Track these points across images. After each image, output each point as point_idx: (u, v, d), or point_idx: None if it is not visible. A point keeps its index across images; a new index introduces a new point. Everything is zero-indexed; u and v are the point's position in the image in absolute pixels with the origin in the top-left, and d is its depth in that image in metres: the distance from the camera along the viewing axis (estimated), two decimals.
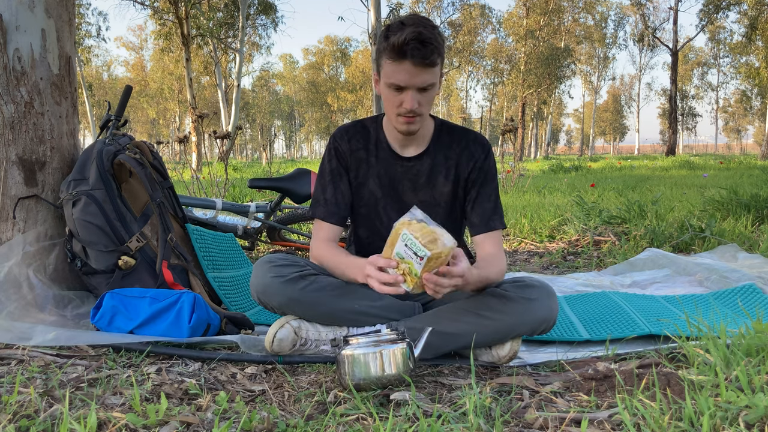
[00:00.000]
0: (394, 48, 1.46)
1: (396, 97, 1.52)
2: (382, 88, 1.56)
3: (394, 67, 1.48)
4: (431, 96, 1.54)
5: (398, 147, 1.68)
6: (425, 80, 1.49)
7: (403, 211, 1.70)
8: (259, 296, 1.57)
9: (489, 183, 1.69)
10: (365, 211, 1.72)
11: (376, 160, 1.69)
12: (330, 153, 1.70)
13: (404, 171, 1.68)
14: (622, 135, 69.94)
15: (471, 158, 1.68)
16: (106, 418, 1.15)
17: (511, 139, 8.10)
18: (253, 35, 24.71)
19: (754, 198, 4.24)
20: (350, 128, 1.71)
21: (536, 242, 3.96)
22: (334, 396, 1.33)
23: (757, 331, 1.36)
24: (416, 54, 1.44)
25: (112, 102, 2.91)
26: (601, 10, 39.81)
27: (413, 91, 1.49)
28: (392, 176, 1.68)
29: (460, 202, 1.71)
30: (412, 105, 1.50)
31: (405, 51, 1.44)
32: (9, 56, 1.98)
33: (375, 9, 11.51)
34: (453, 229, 1.72)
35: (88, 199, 1.95)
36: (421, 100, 1.52)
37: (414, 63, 1.45)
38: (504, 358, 1.53)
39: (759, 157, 20.83)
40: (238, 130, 8.19)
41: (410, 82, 1.48)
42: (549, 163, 17.13)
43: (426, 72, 1.48)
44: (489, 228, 1.66)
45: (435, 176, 1.68)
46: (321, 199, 1.68)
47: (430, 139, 1.68)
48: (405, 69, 1.47)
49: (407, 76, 1.47)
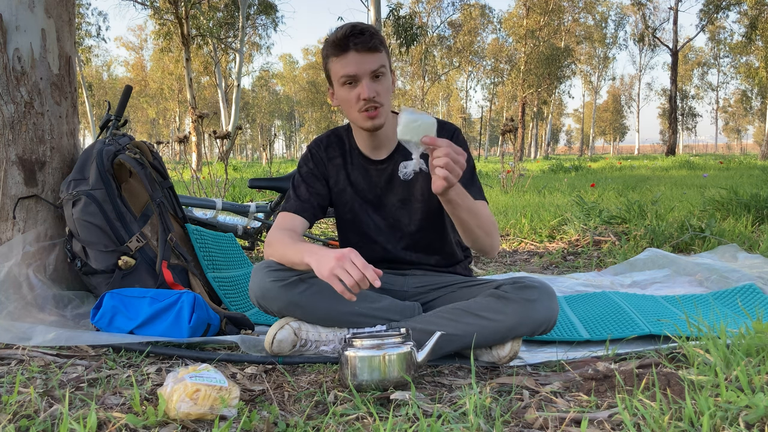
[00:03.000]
0: (336, 44, 1.55)
1: (352, 93, 1.57)
2: (337, 93, 1.61)
3: (342, 61, 1.55)
4: (386, 85, 1.58)
5: (369, 152, 1.72)
6: (374, 63, 1.54)
7: (384, 212, 1.73)
8: (259, 301, 1.57)
9: None
10: (350, 216, 1.75)
11: (352, 167, 1.74)
12: (306, 158, 1.76)
13: (378, 174, 1.71)
14: (622, 135, 69.95)
15: None
16: (106, 418, 1.15)
17: (511, 139, 8.10)
18: (253, 35, 24.73)
19: (754, 198, 4.24)
20: (325, 138, 1.78)
21: (536, 242, 3.96)
22: (334, 396, 1.33)
23: (757, 331, 1.36)
24: (358, 41, 1.52)
25: (112, 102, 2.91)
26: (602, 10, 39.82)
27: (367, 79, 1.55)
28: (369, 181, 1.72)
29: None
30: (369, 93, 1.54)
31: (346, 42, 1.53)
32: (9, 56, 1.98)
33: (375, 9, 11.51)
34: (436, 223, 1.74)
35: (88, 199, 1.95)
36: (377, 89, 1.56)
37: (357, 50, 1.53)
38: (504, 358, 1.53)
39: (759, 157, 20.82)
40: (238, 130, 8.19)
41: (360, 69, 1.54)
42: (549, 163, 17.13)
43: (372, 56, 1.54)
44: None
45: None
46: (293, 195, 1.72)
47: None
48: (351, 59, 1.54)
49: (355, 65, 1.54)
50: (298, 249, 1.49)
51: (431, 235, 1.74)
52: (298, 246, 1.51)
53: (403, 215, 1.72)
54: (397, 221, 1.73)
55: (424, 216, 1.71)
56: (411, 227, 1.73)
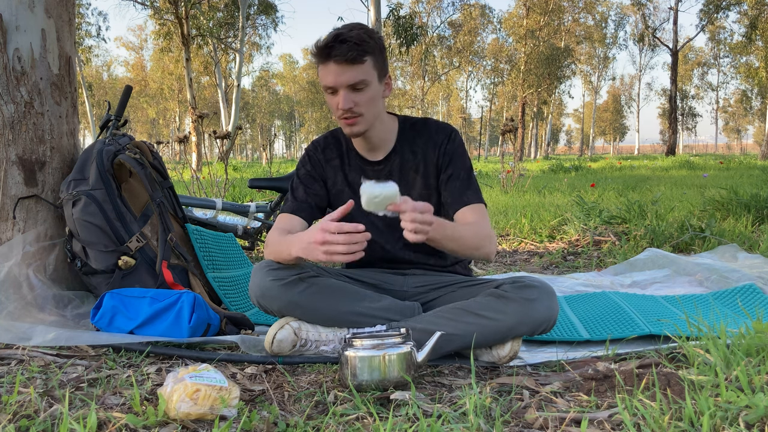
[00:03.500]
0: (318, 51, 1.54)
1: (333, 100, 1.58)
2: (325, 95, 1.62)
3: (324, 70, 1.55)
4: (369, 96, 1.57)
5: (366, 152, 1.73)
6: (352, 77, 1.53)
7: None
8: (259, 300, 1.57)
9: (456, 162, 1.70)
10: (348, 217, 1.74)
11: (350, 168, 1.74)
12: (304, 159, 1.77)
13: (376, 174, 1.72)
14: (622, 135, 69.94)
15: (435, 146, 1.71)
16: (106, 418, 1.15)
17: (511, 139, 8.11)
18: (253, 35, 24.72)
19: (754, 198, 4.24)
20: (322, 140, 1.78)
21: (536, 242, 3.95)
22: (334, 396, 1.33)
23: (757, 331, 1.36)
24: (337, 53, 1.50)
25: (112, 102, 2.91)
26: (602, 10, 39.82)
27: (344, 90, 1.54)
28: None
29: (436, 192, 1.72)
30: (345, 104, 1.54)
31: (328, 51, 1.52)
32: (9, 56, 1.98)
33: (375, 9, 11.51)
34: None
35: (88, 199, 1.95)
36: (356, 100, 1.55)
37: (337, 62, 1.52)
38: (504, 358, 1.53)
39: (759, 157, 20.83)
40: (238, 130, 8.19)
41: (337, 81, 1.53)
42: (549, 163, 17.13)
43: (352, 69, 1.52)
44: (463, 203, 1.66)
45: (406, 173, 1.71)
46: (291, 197, 1.74)
47: (396, 140, 1.73)
48: (331, 70, 1.53)
49: (333, 76, 1.53)
50: (287, 243, 1.51)
51: None
52: (286, 240, 1.53)
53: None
54: (394, 221, 1.73)
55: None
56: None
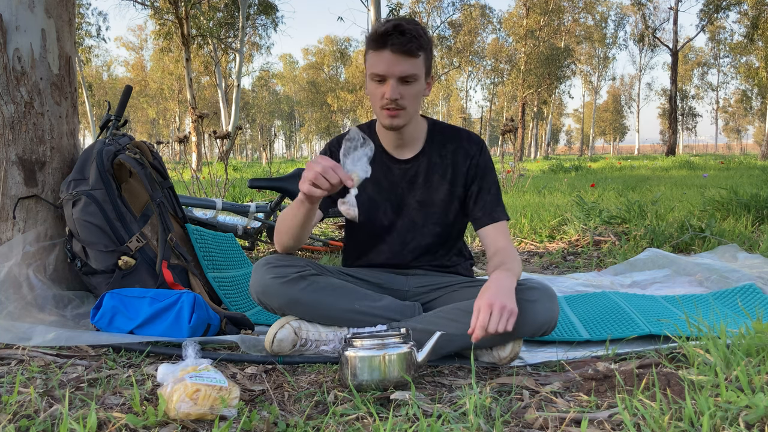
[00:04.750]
0: (375, 37, 1.53)
1: (378, 89, 1.56)
2: (367, 84, 1.61)
3: (376, 57, 1.54)
4: (415, 90, 1.57)
5: (393, 150, 1.71)
6: (405, 70, 1.52)
7: (402, 212, 1.72)
8: (259, 297, 1.57)
9: (487, 176, 1.72)
10: (363, 218, 1.73)
11: (374, 165, 1.69)
12: (325, 153, 1.73)
13: (402, 173, 1.70)
14: (622, 135, 69.91)
15: (467, 156, 1.71)
16: (106, 418, 1.15)
17: (511, 139, 8.10)
18: (253, 35, 24.71)
19: (754, 198, 4.24)
20: (346, 135, 1.74)
21: (536, 242, 3.95)
22: (334, 396, 1.33)
23: (757, 331, 1.36)
24: (395, 42, 1.50)
25: (112, 102, 2.91)
26: (601, 10, 39.83)
27: (394, 81, 1.53)
28: (390, 179, 1.71)
29: (458, 201, 1.72)
30: (392, 94, 1.53)
31: (385, 40, 1.51)
32: (9, 56, 1.98)
33: (375, 9, 11.51)
34: (446, 232, 1.73)
35: (88, 199, 1.95)
36: (403, 93, 1.55)
37: (393, 51, 1.51)
38: (505, 359, 1.53)
39: (759, 157, 20.82)
40: (238, 130, 8.19)
41: (390, 71, 1.52)
42: (549, 163, 17.13)
43: (406, 61, 1.52)
44: (493, 219, 1.67)
45: (431, 176, 1.70)
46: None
47: (425, 141, 1.71)
48: (385, 58, 1.52)
49: (386, 65, 1.52)
50: (290, 205, 1.53)
51: (439, 240, 1.74)
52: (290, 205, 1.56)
53: (418, 217, 1.72)
54: (411, 222, 1.73)
55: (438, 221, 1.72)
56: (423, 230, 1.73)
